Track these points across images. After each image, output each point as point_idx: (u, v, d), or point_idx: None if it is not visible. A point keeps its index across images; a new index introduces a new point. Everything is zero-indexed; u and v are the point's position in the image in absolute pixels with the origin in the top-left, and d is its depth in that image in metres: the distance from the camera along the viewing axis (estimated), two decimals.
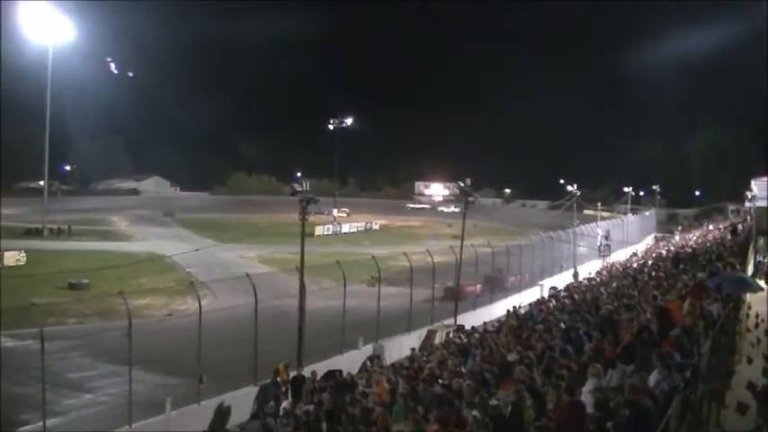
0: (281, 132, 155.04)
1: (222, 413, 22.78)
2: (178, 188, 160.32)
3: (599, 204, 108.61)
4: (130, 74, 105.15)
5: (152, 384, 25.08)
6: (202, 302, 24.99)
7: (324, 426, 17.56)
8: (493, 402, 13.92)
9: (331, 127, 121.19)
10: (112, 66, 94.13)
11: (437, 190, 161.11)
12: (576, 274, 52.50)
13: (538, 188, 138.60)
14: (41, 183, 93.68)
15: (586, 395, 12.56)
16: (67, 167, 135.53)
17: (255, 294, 25.55)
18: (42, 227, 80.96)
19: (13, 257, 57.56)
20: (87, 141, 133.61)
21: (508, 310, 32.85)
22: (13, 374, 26.30)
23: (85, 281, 47.46)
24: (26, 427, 22.01)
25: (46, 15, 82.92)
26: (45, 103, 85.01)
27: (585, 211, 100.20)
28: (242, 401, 23.72)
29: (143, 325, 26.93)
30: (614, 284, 36.06)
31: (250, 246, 69.81)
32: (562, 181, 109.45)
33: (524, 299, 41.51)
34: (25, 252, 59.30)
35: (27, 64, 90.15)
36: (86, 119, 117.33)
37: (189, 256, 53.92)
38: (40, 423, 19.75)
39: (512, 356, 19.39)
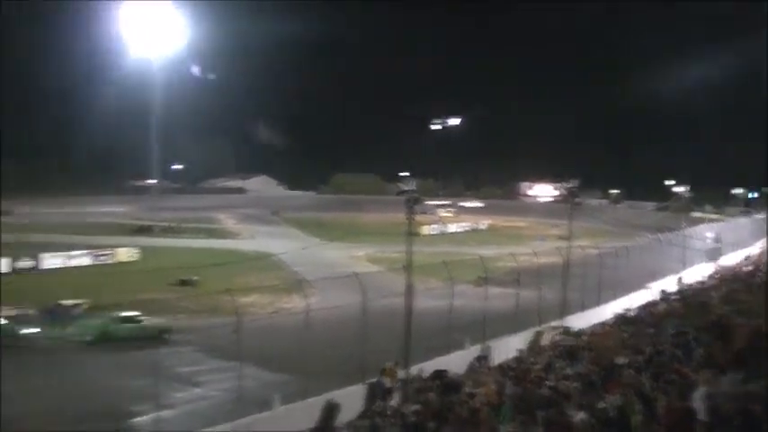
0: (386, 132, 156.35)
1: (329, 411, 23.22)
2: (285, 187, 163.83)
3: (708, 206, 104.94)
4: (212, 76, 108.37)
5: (260, 380, 25.82)
6: (309, 301, 25.58)
7: (431, 426, 17.72)
8: (600, 405, 13.88)
9: (436, 127, 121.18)
10: (195, 70, 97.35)
11: (541, 190, 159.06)
12: (680, 279, 51.00)
13: (645, 189, 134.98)
14: (151, 181, 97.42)
15: (698, 401, 12.36)
16: (176, 166, 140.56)
17: (363, 293, 25.98)
18: (152, 224, 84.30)
19: (127, 254, 60.27)
20: (196, 141, 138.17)
21: (616, 313, 32.32)
22: (128, 367, 27.74)
23: (195, 278, 49.11)
24: (138, 419, 23.04)
25: (157, 20, 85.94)
26: (154, 105, 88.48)
27: (694, 214, 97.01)
28: (349, 400, 24.11)
29: (251, 322, 27.77)
30: (725, 288, 34.93)
31: (356, 245, 70.67)
32: (670, 182, 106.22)
33: (633, 301, 40.63)
34: (137, 248, 61.87)
35: (137, 67, 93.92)
36: (195, 119, 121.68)
37: (295, 254, 55.14)
38: (152, 415, 20.60)
39: (620, 360, 19.17)
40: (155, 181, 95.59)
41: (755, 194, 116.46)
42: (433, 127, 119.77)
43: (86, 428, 21.13)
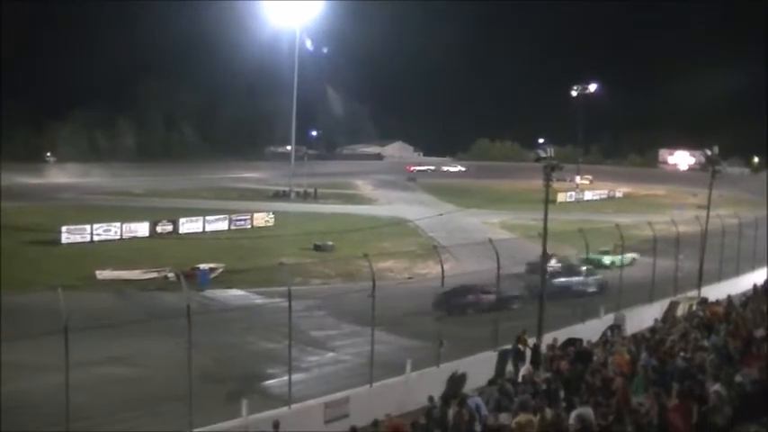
0: (524, 99, 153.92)
1: (460, 377, 23.18)
2: (421, 153, 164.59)
3: None
4: (325, 50, 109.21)
5: (393, 346, 26.00)
6: (444, 267, 25.42)
7: (562, 394, 17.40)
8: (738, 379, 13.16)
9: (574, 93, 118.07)
10: (308, 42, 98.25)
11: (681, 158, 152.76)
12: None
13: None
14: (289, 147, 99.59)
15: None
16: (314, 133, 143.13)
17: (498, 260, 25.67)
18: (289, 190, 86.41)
19: (263, 219, 62.00)
20: (334, 107, 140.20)
21: (755, 284, 30.61)
22: (262, 330, 28.48)
23: (330, 243, 49.89)
24: (272, 381, 23.62)
25: None
26: (292, 72, 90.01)
27: None
28: (481, 367, 23.97)
29: (385, 287, 27.93)
30: None
31: (492, 211, 70.09)
32: None
33: None
34: (273, 214, 63.42)
35: (276, 34, 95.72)
36: (334, 85, 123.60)
37: (431, 220, 55.18)
38: (286, 377, 21.03)
39: (759, 332, 18.13)
40: (293, 147, 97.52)
41: None
42: (573, 93, 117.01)
43: (221, 388, 21.82)
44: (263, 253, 46.58)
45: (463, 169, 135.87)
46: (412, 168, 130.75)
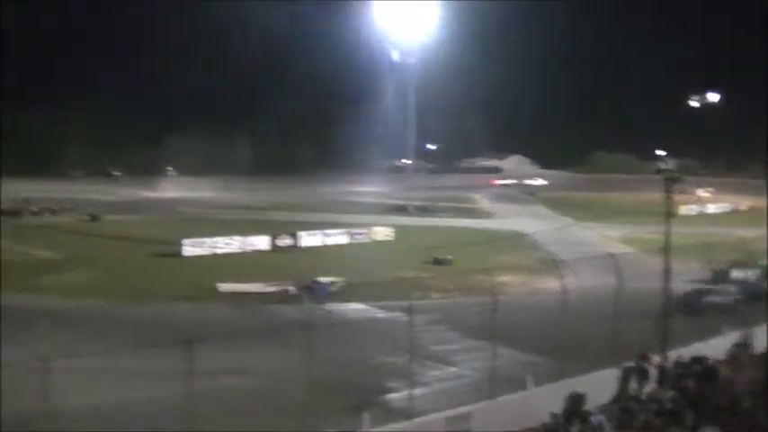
0: (642, 110, 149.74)
1: (582, 393, 22.72)
2: (538, 166, 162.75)
3: None
4: (413, 60, 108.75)
5: (513, 360, 25.68)
6: (563, 281, 25.01)
7: (688, 413, 16.83)
8: None
9: (694, 104, 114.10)
10: (395, 54, 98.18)
11: None
12: None
13: None
14: (407, 162, 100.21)
15: None
16: (432, 146, 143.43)
17: (619, 275, 25.09)
18: (408, 204, 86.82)
19: (382, 232, 62.51)
20: (451, 121, 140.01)
21: None
22: (382, 344, 28.65)
23: (449, 257, 49.84)
24: (393, 395, 23.76)
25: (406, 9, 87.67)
26: (410, 86, 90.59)
27: None
28: (602, 383, 23.42)
29: (504, 302, 27.65)
30: None
31: (610, 225, 68.55)
32: None
33: None
34: (392, 228, 63.87)
35: (394, 48, 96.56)
36: (450, 99, 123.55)
37: (548, 234, 54.60)
38: (406, 391, 21.10)
39: None
40: (410, 161, 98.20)
41: None
42: (693, 104, 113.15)
43: (341, 401, 22.04)
44: (383, 267, 46.97)
45: (546, 183, 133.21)
46: (495, 182, 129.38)
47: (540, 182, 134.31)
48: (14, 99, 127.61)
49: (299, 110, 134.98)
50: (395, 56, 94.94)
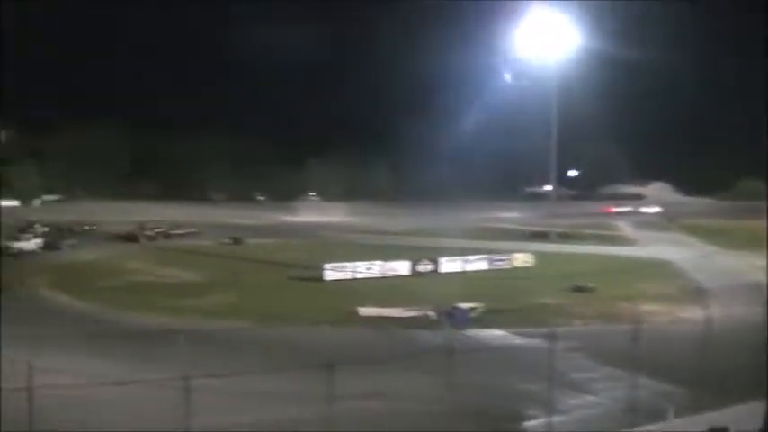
0: None
1: (724, 427, 21.88)
2: (682, 193, 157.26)
3: None
4: (525, 83, 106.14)
5: (653, 390, 25.06)
6: (708, 310, 24.33)
7: None
8: None
9: None
10: (507, 76, 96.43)
11: None
12: None
13: None
14: (547, 188, 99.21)
15: None
16: (572, 173, 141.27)
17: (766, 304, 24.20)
18: (548, 230, 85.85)
19: (522, 259, 62.13)
20: (593, 147, 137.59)
21: None
22: (521, 371, 28.52)
23: (590, 284, 49.02)
24: (531, 422, 23.65)
25: (550, 24, 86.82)
26: (552, 110, 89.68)
27: None
28: (747, 417, 22.45)
29: (647, 330, 27.05)
30: None
31: (757, 253, 65.38)
32: None
33: None
34: (532, 254, 63.33)
35: (535, 72, 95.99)
36: (592, 124, 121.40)
37: (692, 262, 52.85)
38: (544, 419, 21.01)
39: None
40: (550, 187, 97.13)
41: None
42: None
43: (480, 426, 22.15)
44: (523, 293, 46.75)
45: (660, 210, 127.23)
46: (611, 210, 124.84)
47: (655, 209, 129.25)
48: (159, 124, 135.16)
49: (438, 136, 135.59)
50: (528, 80, 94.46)
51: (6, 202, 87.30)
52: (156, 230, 73.45)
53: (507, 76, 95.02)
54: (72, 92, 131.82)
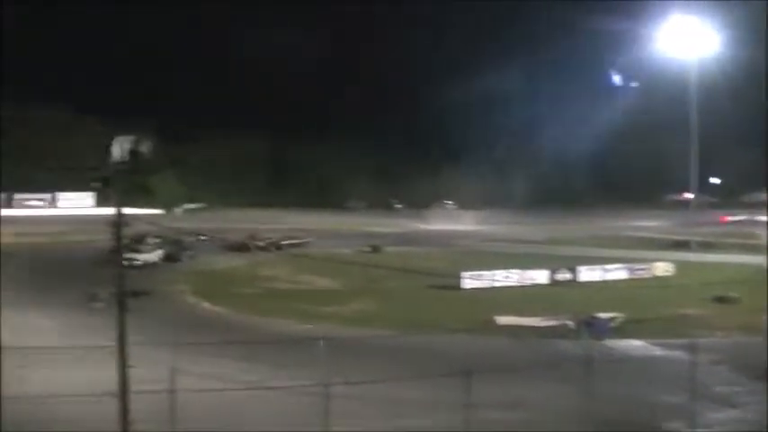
0: None
1: None
2: None
3: None
4: (634, 84, 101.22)
5: None
6: None
7: None
8: None
9: None
10: (615, 77, 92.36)
11: None
12: None
13: None
14: (688, 195, 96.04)
15: None
16: (715, 180, 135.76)
17: None
18: (689, 239, 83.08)
19: (662, 268, 60.54)
20: (735, 153, 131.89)
21: None
22: (661, 383, 28.02)
23: (733, 294, 47.31)
24: None
25: (690, 28, 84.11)
26: (692, 115, 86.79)
27: None
28: None
29: None
30: None
31: None
32: None
33: None
34: (673, 263, 61.59)
35: (674, 77, 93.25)
36: (735, 129, 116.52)
37: None
38: None
39: None
40: (692, 195, 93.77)
41: None
42: None
43: None
44: (663, 303, 45.65)
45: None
46: (727, 218, 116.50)
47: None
48: (295, 134, 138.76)
49: (578, 143, 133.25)
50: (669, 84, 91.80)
51: (150, 210, 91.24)
52: (268, 241, 72.21)
53: (635, 82, 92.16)
54: (213, 103, 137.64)
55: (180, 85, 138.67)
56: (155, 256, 56.97)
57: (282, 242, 72.46)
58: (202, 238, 64.94)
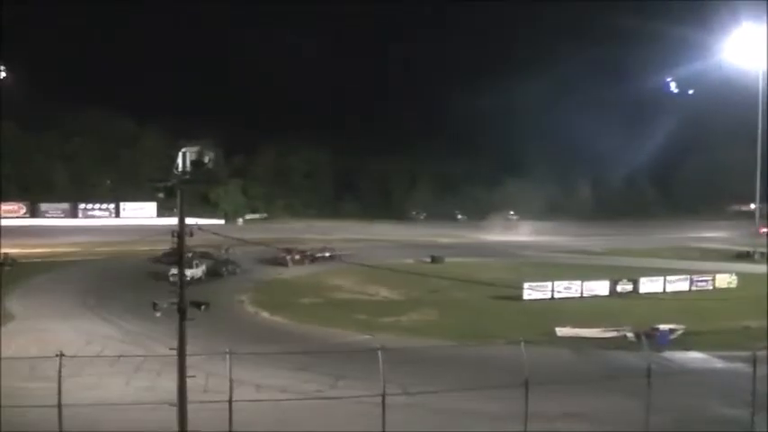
0: None
1: None
2: None
3: None
4: (690, 92, 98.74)
5: None
6: None
7: None
8: None
9: None
10: (672, 85, 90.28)
11: None
12: None
13: None
14: (753, 206, 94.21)
15: None
16: None
17: None
18: (753, 250, 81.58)
19: (725, 280, 59.69)
20: None
21: None
22: (722, 395, 27.84)
23: None
24: None
25: (759, 37, 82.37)
26: (757, 124, 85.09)
27: None
28: None
29: None
30: None
31: None
32: None
33: None
34: (736, 275, 60.69)
35: (739, 86, 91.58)
36: None
37: None
38: None
39: None
40: (757, 205, 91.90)
41: None
42: None
43: None
44: (725, 315, 45.14)
45: None
46: (763, 230, 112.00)
47: None
48: (359, 145, 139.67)
49: (640, 155, 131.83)
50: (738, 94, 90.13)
51: (213, 221, 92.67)
52: (303, 254, 70.10)
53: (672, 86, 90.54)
54: (278, 115, 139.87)
55: (245, 96, 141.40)
56: (200, 271, 56.51)
57: (318, 254, 71.57)
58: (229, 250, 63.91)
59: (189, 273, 55.58)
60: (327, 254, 72.14)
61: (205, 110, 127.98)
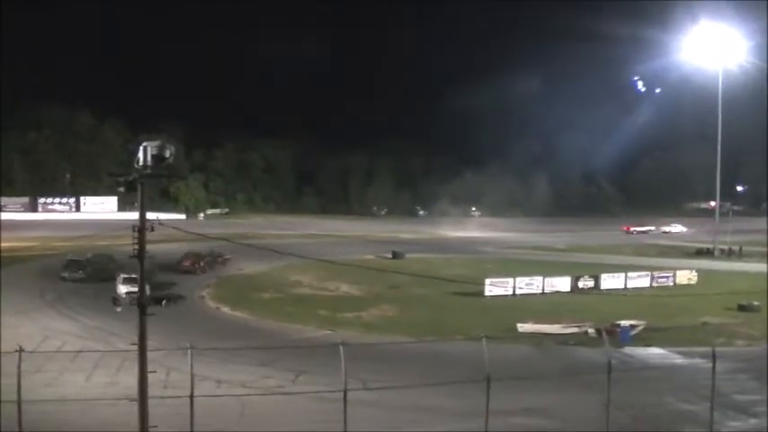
0: None
1: None
2: None
3: None
4: (657, 90, 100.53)
5: None
6: None
7: None
8: None
9: None
10: (639, 84, 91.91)
11: None
12: None
13: None
14: (712, 203, 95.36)
15: None
16: (738, 188, 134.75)
17: None
18: (713, 247, 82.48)
19: (686, 276, 60.02)
20: (759, 160, 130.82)
21: None
22: (681, 391, 27.79)
23: (756, 303, 46.78)
24: None
25: (717, 37, 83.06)
26: (716, 124, 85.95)
27: None
28: None
29: None
30: None
31: None
32: None
33: None
34: (696, 272, 61.06)
35: (697, 85, 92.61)
36: (759, 137, 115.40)
37: None
38: None
39: None
40: (715, 203, 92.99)
41: None
42: None
43: None
44: (686, 311, 45.13)
45: (684, 230, 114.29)
46: (630, 229, 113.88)
47: (678, 228, 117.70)
48: (320, 141, 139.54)
49: (599, 153, 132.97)
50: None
51: (173, 215, 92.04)
52: (205, 260, 63.31)
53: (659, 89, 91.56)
54: (238, 110, 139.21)
55: (205, 91, 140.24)
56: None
57: (219, 259, 65.48)
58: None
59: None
60: (223, 258, 66.35)
61: (165, 104, 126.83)
